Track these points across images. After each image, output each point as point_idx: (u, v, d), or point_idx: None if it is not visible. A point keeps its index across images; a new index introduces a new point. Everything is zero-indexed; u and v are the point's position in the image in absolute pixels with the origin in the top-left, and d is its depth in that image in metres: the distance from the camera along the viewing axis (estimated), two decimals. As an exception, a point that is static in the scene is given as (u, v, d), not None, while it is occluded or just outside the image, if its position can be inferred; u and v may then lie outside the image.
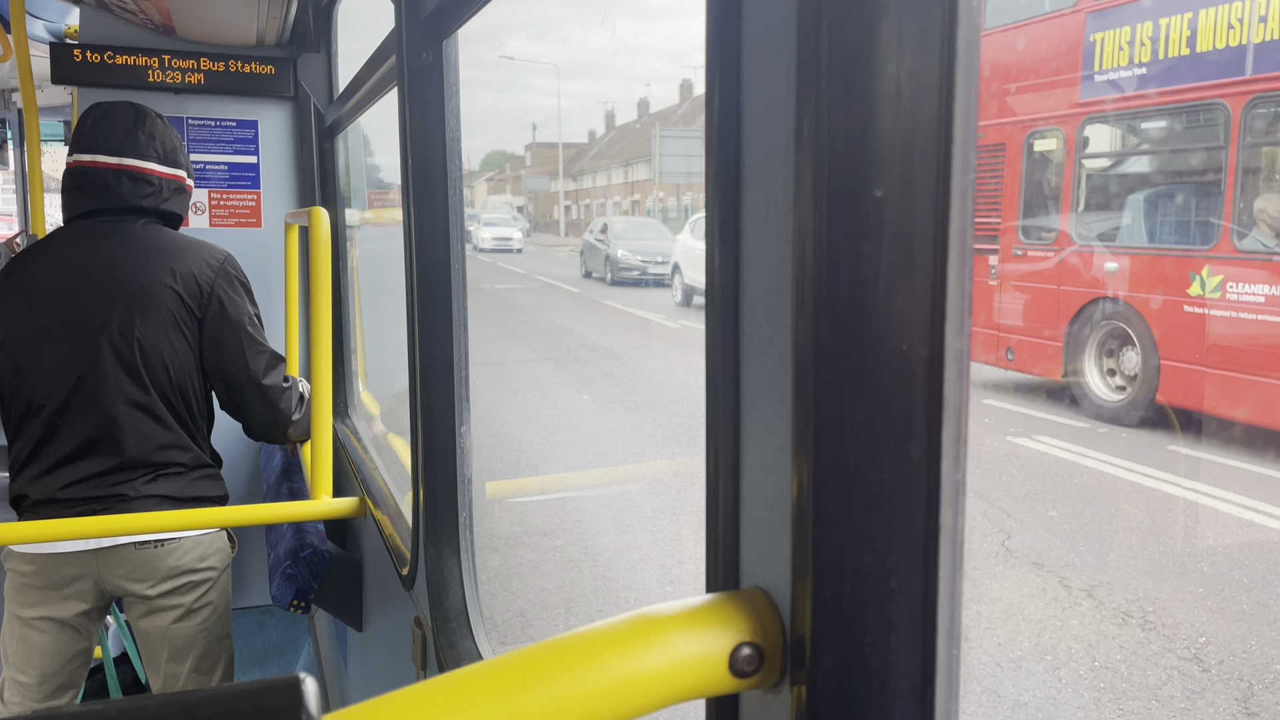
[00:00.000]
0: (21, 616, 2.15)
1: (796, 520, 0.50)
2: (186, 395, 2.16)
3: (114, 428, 2.08)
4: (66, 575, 2.12)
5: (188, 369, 2.14)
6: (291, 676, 0.45)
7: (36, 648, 2.15)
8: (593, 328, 15.03)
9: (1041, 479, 6.67)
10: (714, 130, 0.57)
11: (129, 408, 2.08)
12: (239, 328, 2.18)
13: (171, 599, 2.17)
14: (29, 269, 2.14)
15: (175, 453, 2.15)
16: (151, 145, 2.16)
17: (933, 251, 0.47)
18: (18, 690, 2.16)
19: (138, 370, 2.08)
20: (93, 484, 2.09)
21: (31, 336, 2.09)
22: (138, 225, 2.17)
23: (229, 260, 2.23)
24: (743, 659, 0.53)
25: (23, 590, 2.14)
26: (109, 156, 2.14)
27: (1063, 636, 4.41)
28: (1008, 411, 8.70)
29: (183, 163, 2.25)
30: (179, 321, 2.11)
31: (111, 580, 2.14)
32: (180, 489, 2.16)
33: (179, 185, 2.24)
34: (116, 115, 2.16)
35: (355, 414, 3.13)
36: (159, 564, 2.14)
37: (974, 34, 0.45)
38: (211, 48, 3.27)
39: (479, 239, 34.69)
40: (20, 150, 7.38)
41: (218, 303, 2.16)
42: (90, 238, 2.14)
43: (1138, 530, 5.83)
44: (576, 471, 7.33)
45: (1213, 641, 4.36)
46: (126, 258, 2.11)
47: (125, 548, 2.11)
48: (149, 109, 2.21)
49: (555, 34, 66.07)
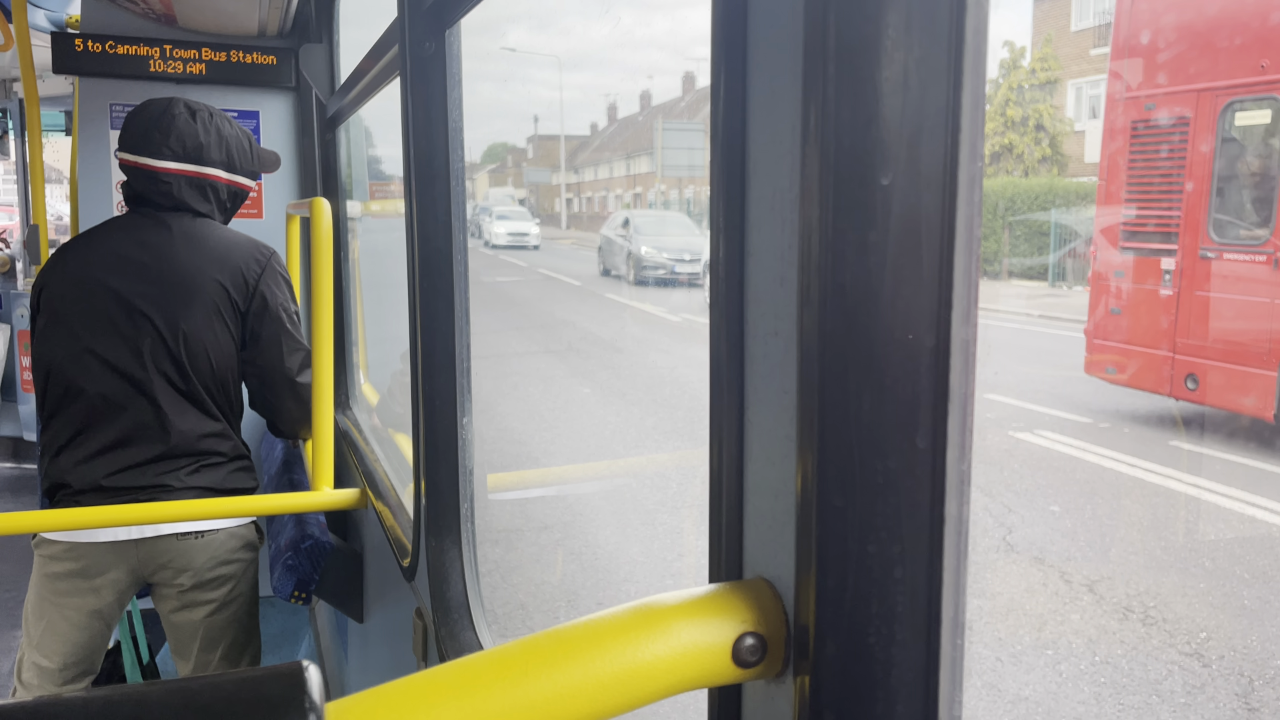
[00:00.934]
0: (53, 602, 2.14)
1: (800, 510, 0.50)
2: (226, 387, 2.19)
3: (159, 416, 2.10)
4: (104, 564, 2.13)
5: (229, 361, 2.18)
6: (294, 664, 0.45)
7: (63, 636, 2.15)
8: (594, 321, 15.03)
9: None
10: (719, 118, 0.57)
11: (174, 397, 2.11)
12: (279, 324, 2.22)
13: (206, 593, 2.19)
14: (79, 255, 2.16)
15: (217, 442, 2.18)
16: (165, 144, 2.16)
17: (939, 240, 0.47)
18: (38, 673, 2.17)
19: (181, 361, 2.11)
20: (137, 473, 2.10)
21: (78, 323, 2.11)
22: (183, 220, 2.20)
23: (275, 257, 2.27)
24: (746, 649, 0.53)
25: (57, 578, 2.13)
26: (128, 154, 2.18)
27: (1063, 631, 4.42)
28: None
29: (212, 158, 2.22)
30: (223, 314, 2.15)
31: (150, 571, 2.16)
32: (219, 480, 2.18)
33: (199, 181, 2.22)
34: (145, 112, 2.19)
35: (356, 405, 3.13)
36: (197, 555, 2.16)
37: (982, 21, 0.45)
38: (213, 38, 3.27)
39: (491, 234, 31.96)
40: (21, 140, 7.37)
41: (261, 298, 2.19)
42: (140, 228, 2.17)
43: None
44: (577, 464, 7.34)
45: (1214, 637, 4.37)
46: (174, 251, 2.14)
47: (168, 538, 2.13)
48: (180, 103, 2.21)
49: (557, 25, 65.96)
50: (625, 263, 20.03)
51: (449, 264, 1.48)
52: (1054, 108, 25.29)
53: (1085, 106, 25.34)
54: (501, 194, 53.20)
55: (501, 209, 35.54)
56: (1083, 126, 25.04)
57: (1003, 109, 25.29)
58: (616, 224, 22.16)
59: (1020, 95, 25.29)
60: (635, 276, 19.35)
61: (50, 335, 2.13)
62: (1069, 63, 25.36)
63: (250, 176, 2.34)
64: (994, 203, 20.20)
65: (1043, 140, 25.24)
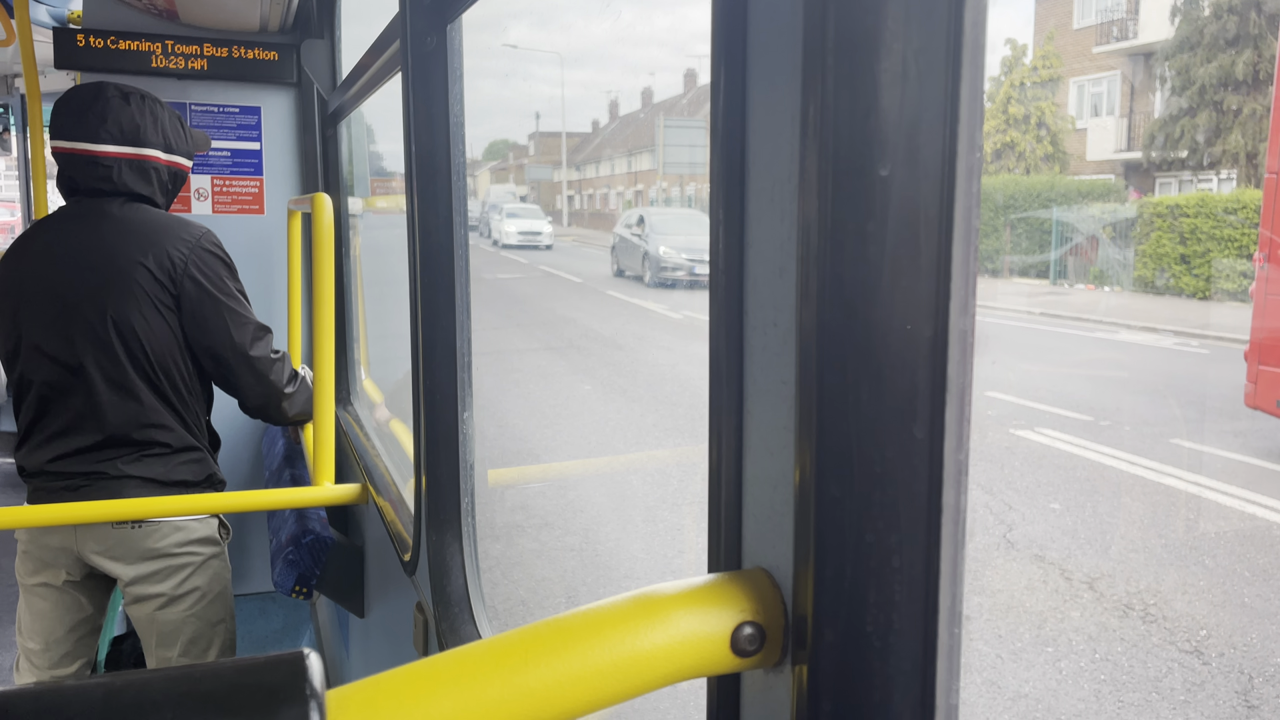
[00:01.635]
0: (25, 584, 2.23)
1: (799, 500, 0.50)
2: (170, 374, 2.16)
3: (95, 405, 2.11)
4: (51, 546, 2.18)
5: (169, 348, 2.15)
6: (295, 652, 0.45)
7: (39, 614, 2.22)
8: (595, 318, 15.03)
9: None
10: (719, 110, 0.57)
11: (108, 386, 2.11)
12: (218, 302, 2.17)
13: (150, 585, 2.18)
14: (24, 251, 2.19)
15: (158, 432, 2.16)
16: (103, 127, 2.14)
17: (938, 231, 0.47)
18: (28, 658, 2.24)
19: (114, 349, 2.10)
20: (77, 459, 2.13)
21: (23, 316, 2.14)
22: (115, 205, 2.17)
23: (206, 236, 2.21)
24: (744, 638, 0.53)
25: (23, 559, 2.22)
26: (64, 141, 2.16)
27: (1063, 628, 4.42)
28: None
29: (150, 140, 2.21)
30: (154, 300, 2.12)
31: (89, 556, 2.17)
32: (165, 471, 2.17)
33: (139, 164, 2.20)
34: (77, 98, 2.17)
35: (357, 401, 3.13)
36: (135, 545, 2.15)
37: (981, 13, 0.45)
38: (215, 33, 3.27)
39: (501, 233, 30.20)
40: (23, 136, 7.37)
41: (191, 280, 2.15)
42: (72, 219, 2.17)
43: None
44: (578, 460, 7.34)
45: (1214, 634, 4.37)
46: (101, 237, 2.13)
47: (101, 525, 2.14)
48: (111, 87, 2.19)
49: (557, 21, 65.90)
50: (642, 263, 19.11)
51: (450, 259, 1.48)
52: (1056, 105, 25.27)
53: (1087, 104, 25.32)
54: (503, 190, 53.01)
55: (511, 206, 33.91)
56: (1084, 124, 25.03)
57: (1004, 106, 25.27)
58: (631, 222, 20.98)
59: (1022, 93, 25.27)
60: (652, 278, 18.40)
61: (2, 329, 2.17)
62: (1071, 60, 25.34)
63: (186, 156, 2.32)
64: (995, 200, 20.19)
65: (1044, 138, 25.22)
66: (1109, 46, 24.06)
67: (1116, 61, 24.16)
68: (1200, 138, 20.56)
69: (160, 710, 0.42)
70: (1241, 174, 19.98)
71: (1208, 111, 20.32)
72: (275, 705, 0.43)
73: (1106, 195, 21.16)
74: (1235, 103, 19.91)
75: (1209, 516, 5.89)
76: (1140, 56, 23.50)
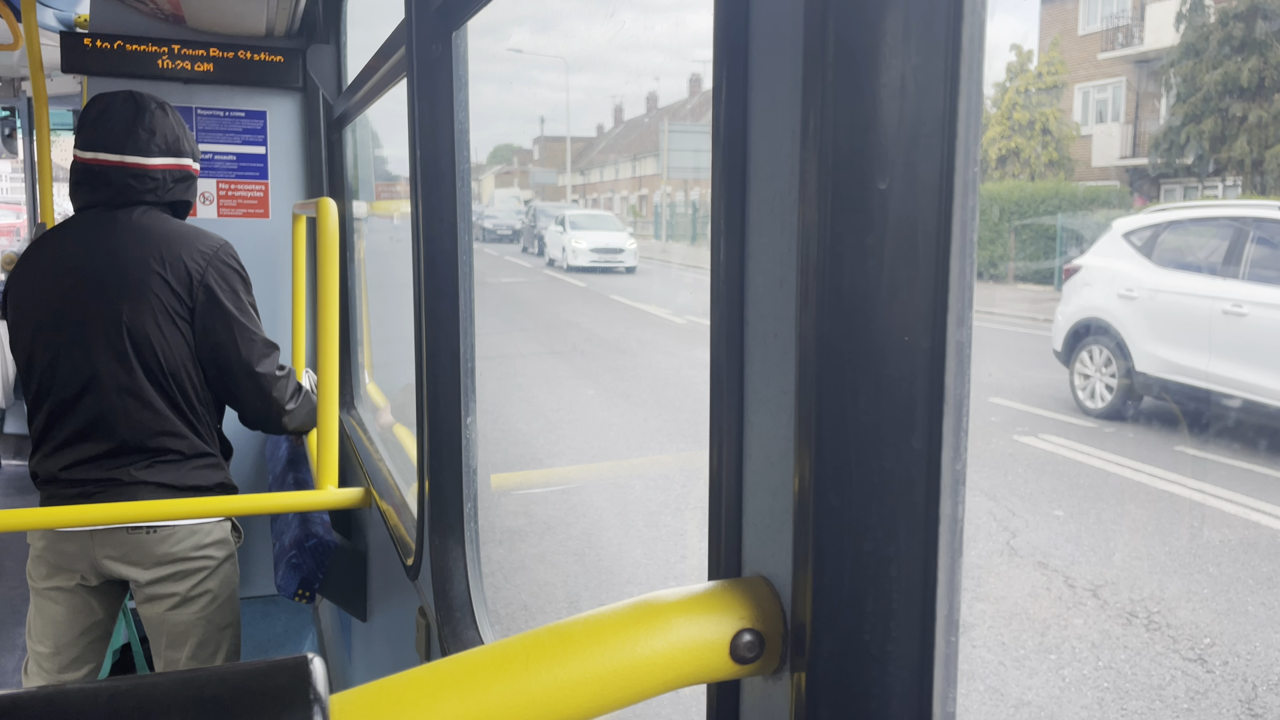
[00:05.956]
0: (37, 588, 2.23)
1: (798, 509, 0.51)
2: (182, 383, 2.17)
3: (109, 413, 2.12)
4: (67, 551, 2.18)
5: (181, 357, 2.15)
6: (300, 656, 0.46)
7: (50, 618, 2.22)
8: (599, 322, 15.03)
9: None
10: (720, 124, 0.57)
11: (121, 394, 2.11)
12: (230, 316, 2.18)
13: (165, 586, 2.19)
14: (37, 259, 2.19)
15: (170, 440, 2.17)
16: (153, 141, 2.17)
17: (935, 244, 0.47)
18: (37, 662, 2.24)
19: (128, 357, 2.11)
20: (90, 466, 2.14)
21: (37, 323, 2.15)
22: (135, 213, 2.18)
23: (224, 248, 2.23)
24: (744, 645, 0.53)
25: (36, 563, 2.22)
26: (110, 154, 2.15)
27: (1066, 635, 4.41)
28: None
29: (186, 149, 2.25)
30: (169, 309, 2.13)
31: (104, 562, 2.17)
32: (178, 477, 2.18)
33: (183, 174, 2.25)
34: (116, 111, 2.17)
35: (361, 405, 3.14)
36: (150, 550, 2.16)
37: (979, 28, 0.46)
38: (221, 37, 3.28)
39: (566, 250, 21.61)
40: (30, 139, 7.40)
41: (206, 291, 2.16)
42: (90, 226, 2.18)
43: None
44: (581, 465, 7.34)
45: (1217, 642, 4.36)
46: (119, 246, 2.13)
47: (118, 531, 2.14)
48: (149, 99, 2.21)
49: (560, 28, 65.98)
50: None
51: (454, 264, 1.49)
52: (1061, 111, 25.25)
53: (1092, 110, 25.30)
54: (507, 195, 52.98)
55: (573, 214, 24.46)
56: (1090, 130, 25.00)
57: (1009, 112, 25.25)
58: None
59: (1027, 99, 25.25)
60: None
61: (17, 337, 2.18)
62: (1076, 66, 25.32)
63: (198, 161, 2.35)
64: (999, 207, 20.16)
65: (1049, 144, 25.19)
66: (1114, 53, 24.05)
67: (1121, 68, 24.15)
68: (1205, 144, 20.54)
69: (165, 714, 0.43)
70: (1246, 181, 19.95)
71: (1213, 118, 20.31)
72: (279, 710, 0.43)
73: (1111, 201, 21.14)
74: (1240, 109, 19.89)
75: (1213, 523, 5.88)
76: (1145, 63, 23.49)
